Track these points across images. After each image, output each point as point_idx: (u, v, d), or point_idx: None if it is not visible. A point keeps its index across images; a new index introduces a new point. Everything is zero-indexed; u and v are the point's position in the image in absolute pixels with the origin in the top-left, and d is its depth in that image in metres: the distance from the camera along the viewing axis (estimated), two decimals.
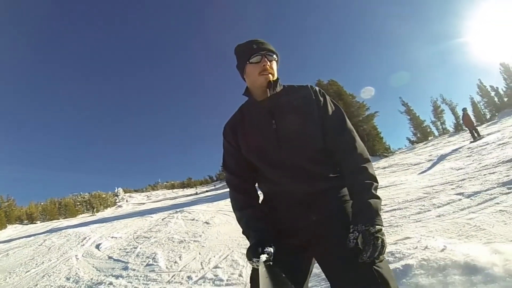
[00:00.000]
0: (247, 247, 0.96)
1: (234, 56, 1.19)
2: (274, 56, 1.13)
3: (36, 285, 4.08)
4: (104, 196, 34.29)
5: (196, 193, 33.53)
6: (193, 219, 7.34)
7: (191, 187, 53.68)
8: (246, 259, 0.87)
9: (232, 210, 1.15)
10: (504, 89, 32.50)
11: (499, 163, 4.91)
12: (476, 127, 12.26)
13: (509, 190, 3.30)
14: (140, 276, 3.41)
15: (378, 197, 0.94)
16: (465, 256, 1.79)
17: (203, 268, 3.25)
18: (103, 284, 3.38)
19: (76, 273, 4.22)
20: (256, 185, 1.19)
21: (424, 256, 1.91)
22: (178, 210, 9.89)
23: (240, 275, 2.80)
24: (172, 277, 3.18)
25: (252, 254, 0.90)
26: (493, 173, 4.38)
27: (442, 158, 8.40)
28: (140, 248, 4.99)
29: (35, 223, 24.96)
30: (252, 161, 1.12)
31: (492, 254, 1.77)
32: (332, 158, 1.08)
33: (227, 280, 2.75)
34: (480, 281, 1.56)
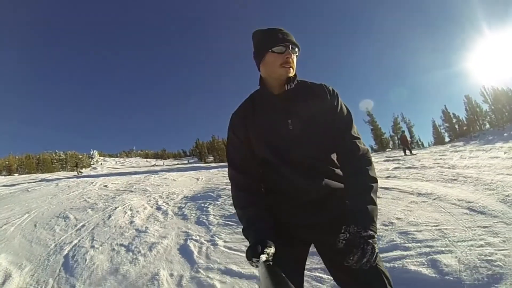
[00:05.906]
0: (247, 247, 0.95)
1: (251, 40, 1.13)
2: (297, 50, 1.07)
3: (83, 195, 8.01)
4: (80, 157, 36.13)
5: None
6: (165, 178, 11.57)
7: (164, 159, 54.77)
8: (246, 259, 0.93)
9: (192, 175, 3.65)
10: (465, 119, 35.51)
11: None
12: (410, 146, 16.82)
13: None
14: (141, 192, 7.71)
15: (375, 203, 0.96)
16: None
17: (169, 191, 7.61)
18: (125, 193, 7.58)
19: (103, 193, 8.19)
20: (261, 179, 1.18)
21: None
22: (153, 173, 13.96)
23: (185, 195, 7.03)
24: (156, 192, 7.57)
25: (252, 254, 0.89)
26: None
27: None
28: (135, 186, 9.13)
29: (13, 175, 25.78)
30: (264, 155, 1.10)
31: None
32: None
33: (177, 194, 7.05)
34: None
